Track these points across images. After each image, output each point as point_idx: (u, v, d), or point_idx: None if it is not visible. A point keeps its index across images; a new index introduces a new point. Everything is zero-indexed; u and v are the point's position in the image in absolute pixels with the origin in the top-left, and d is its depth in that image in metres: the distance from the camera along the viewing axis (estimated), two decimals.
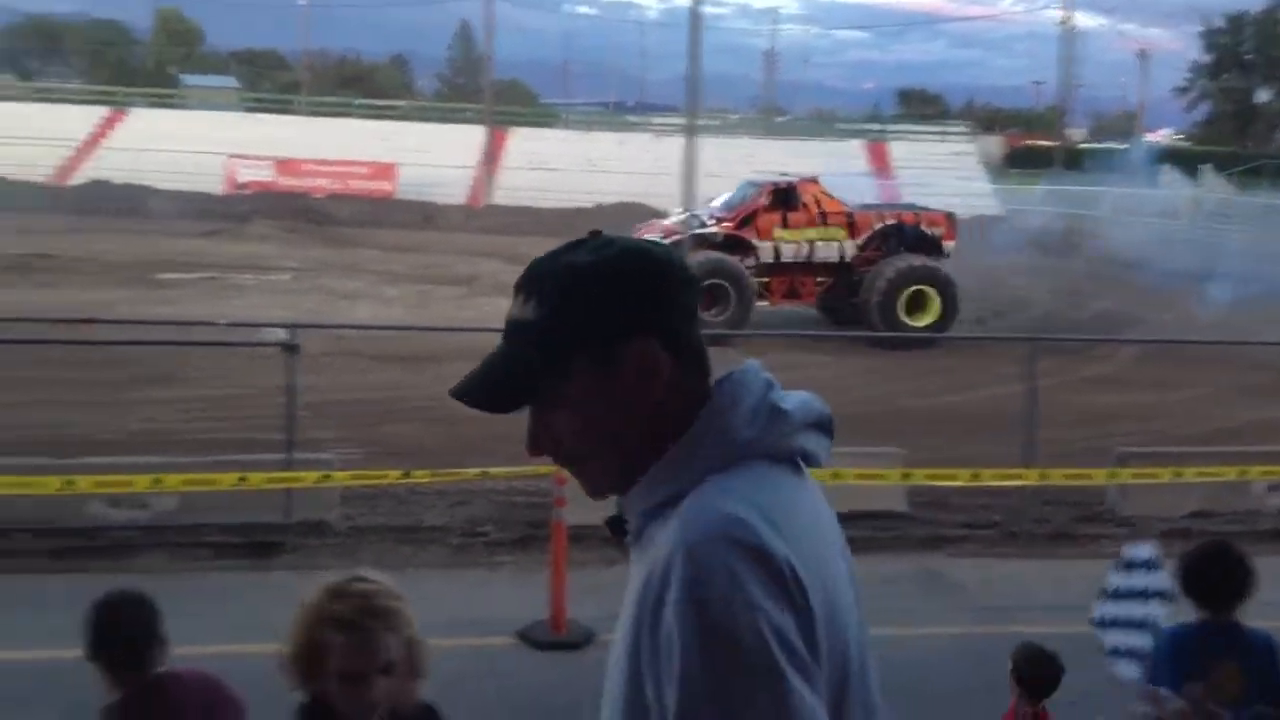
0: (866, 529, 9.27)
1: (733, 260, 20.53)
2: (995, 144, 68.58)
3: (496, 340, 1.76)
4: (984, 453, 10.81)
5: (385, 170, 43.60)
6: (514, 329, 1.71)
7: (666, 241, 20.25)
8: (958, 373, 16.83)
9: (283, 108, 59.00)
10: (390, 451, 11.07)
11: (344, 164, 43.59)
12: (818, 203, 21.19)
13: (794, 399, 1.74)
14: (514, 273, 1.90)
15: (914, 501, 10.34)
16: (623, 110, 76.11)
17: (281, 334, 10.44)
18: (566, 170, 44.35)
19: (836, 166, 34.93)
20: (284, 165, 43.06)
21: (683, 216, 22.42)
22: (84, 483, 8.72)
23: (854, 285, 20.73)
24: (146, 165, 40.35)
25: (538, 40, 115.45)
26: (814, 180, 21.94)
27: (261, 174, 42.64)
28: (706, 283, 19.42)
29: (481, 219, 39.16)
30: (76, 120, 47.58)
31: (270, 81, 75.42)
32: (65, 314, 15.05)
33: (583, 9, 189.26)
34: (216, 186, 40.83)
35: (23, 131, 43.05)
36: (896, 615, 7.59)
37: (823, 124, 64.91)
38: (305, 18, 77.78)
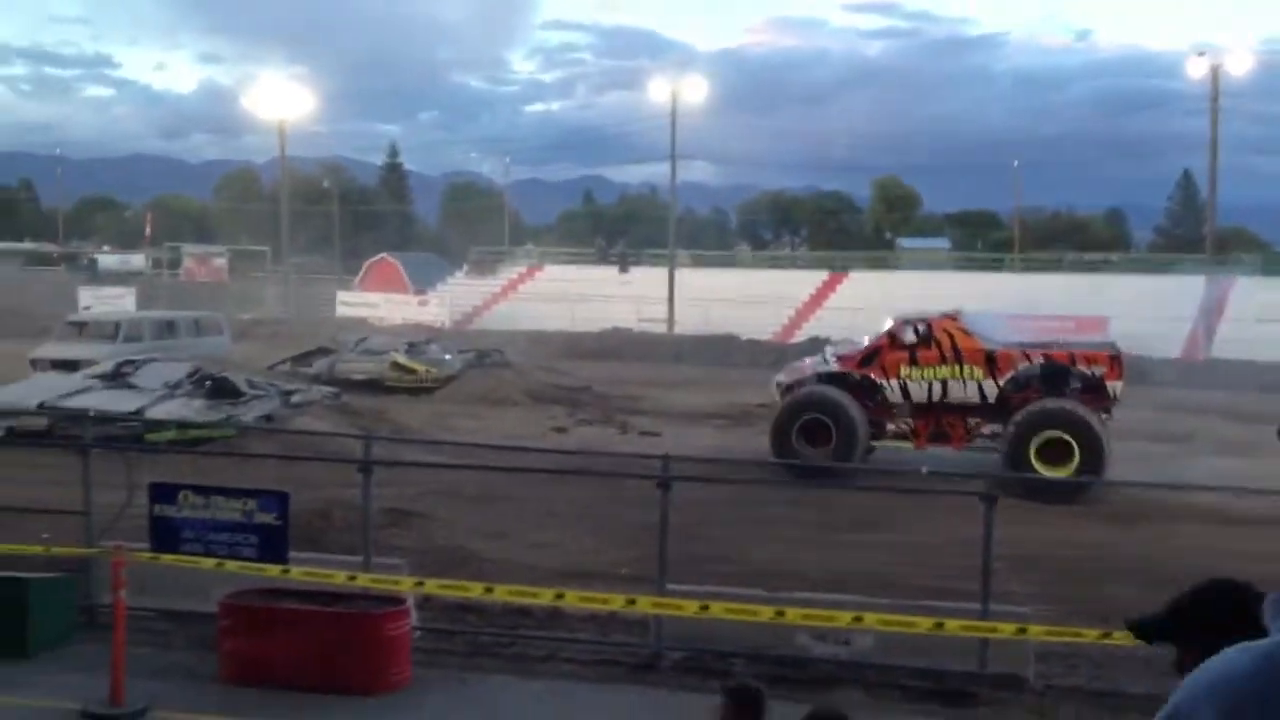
0: None
1: (835, 395, 19.77)
2: None
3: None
4: None
5: (1094, 324, 42.47)
6: None
7: (790, 381, 20.88)
8: None
9: (993, 265, 59.98)
10: (1090, 611, 10.62)
11: (1051, 318, 43.19)
12: (952, 340, 19.76)
13: None
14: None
15: None
16: None
17: (980, 485, 10.54)
18: None
19: None
20: None
21: (818, 355, 22.27)
22: (793, 614, 9.32)
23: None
24: (860, 323, 42.84)
25: (1270, 185, 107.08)
26: (953, 316, 20.67)
27: None
28: (805, 418, 19.55)
29: (1197, 374, 36.70)
30: (801, 283, 52.00)
31: (983, 240, 77.07)
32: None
33: None
34: None
35: (755, 295, 47.85)
36: None
37: None
38: (1019, 178, 79.20)
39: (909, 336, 20.00)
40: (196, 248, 70.82)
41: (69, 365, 24.40)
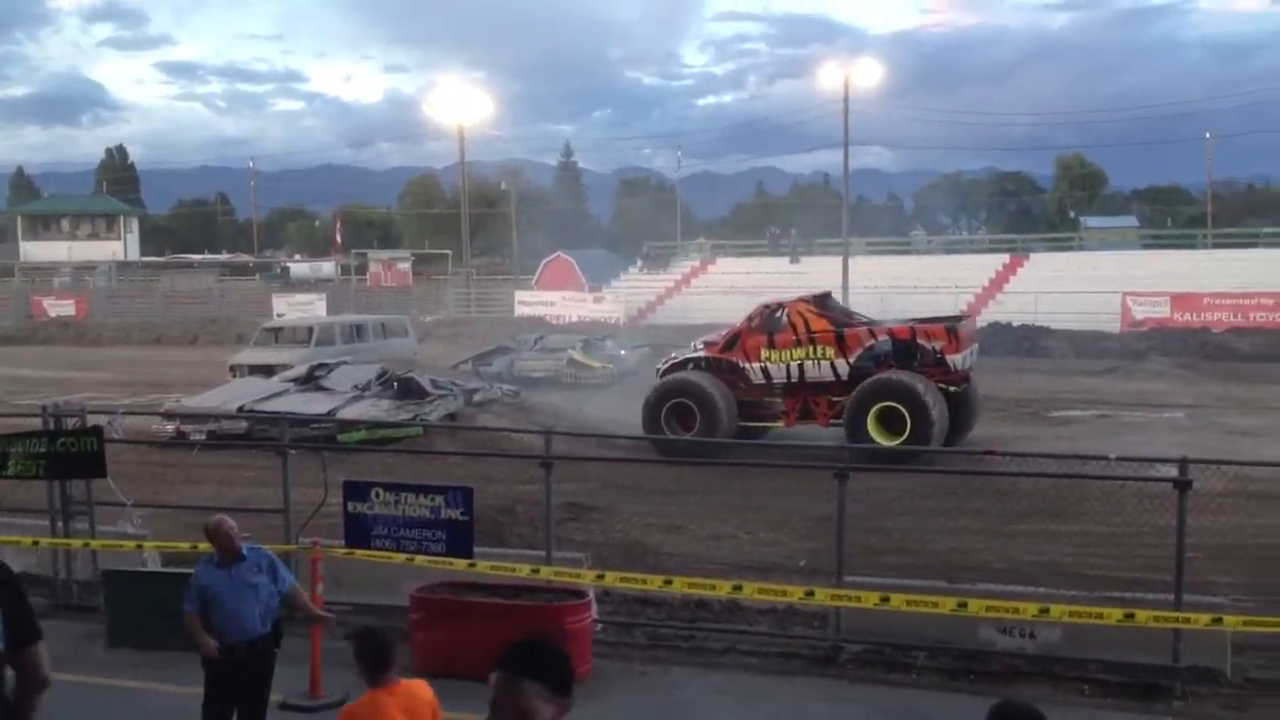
0: None
1: (696, 379, 20.80)
2: None
3: None
4: None
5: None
6: None
7: (664, 365, 21.89)
8: None
9: (1184, 242, 57.44)
10: None
11: (1246, 296, 41.29)
12: (805, 322, 20.50)
13: None
14: None
15: None
16: None
17: (1172, 470, 10.14)
18: None
19: None
20: (1181, 300, 41.89)
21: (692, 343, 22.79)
22: (976, 606, 9.15)
23: None
24: (1044, 307, 41.65)
25: None
26: (806, 300, 21.41)
27: (1158, 310, 41.91)
28: (670, 403, 20.63)
29: None
30: (980, 268, 50.77)
31: (1173, 217, 73.87)
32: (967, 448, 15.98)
33: None
34: (1112, 325, 40.87)
35: (932, 281, 46.94)
36: None
37: None
38: (1210, 151, 75.66)
39: (766, 320, 20.90)
40: (382, 253, 73.15)
41: (266, 370, 25.55)
